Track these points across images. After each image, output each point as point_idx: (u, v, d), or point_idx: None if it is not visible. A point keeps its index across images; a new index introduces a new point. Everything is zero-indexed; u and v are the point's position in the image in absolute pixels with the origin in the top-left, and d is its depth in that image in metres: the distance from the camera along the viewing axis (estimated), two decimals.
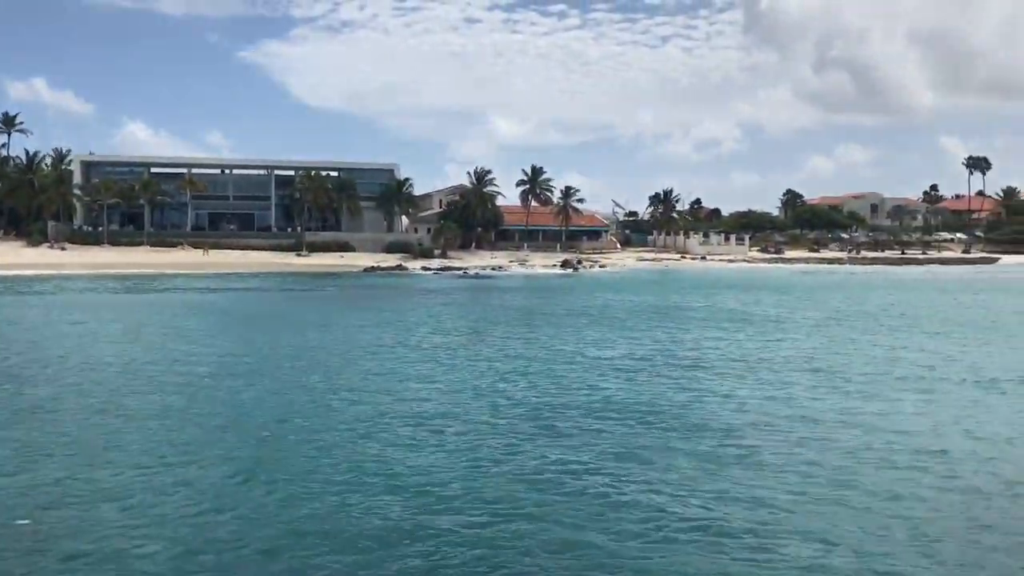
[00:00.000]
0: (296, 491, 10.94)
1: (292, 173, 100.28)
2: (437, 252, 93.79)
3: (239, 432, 14.13)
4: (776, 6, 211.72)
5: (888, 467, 12.24)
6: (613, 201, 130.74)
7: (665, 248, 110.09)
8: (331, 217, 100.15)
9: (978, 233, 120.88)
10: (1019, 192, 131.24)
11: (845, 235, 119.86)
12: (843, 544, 9.27)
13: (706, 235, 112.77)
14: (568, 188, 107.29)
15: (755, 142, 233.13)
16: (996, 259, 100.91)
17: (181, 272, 70.69)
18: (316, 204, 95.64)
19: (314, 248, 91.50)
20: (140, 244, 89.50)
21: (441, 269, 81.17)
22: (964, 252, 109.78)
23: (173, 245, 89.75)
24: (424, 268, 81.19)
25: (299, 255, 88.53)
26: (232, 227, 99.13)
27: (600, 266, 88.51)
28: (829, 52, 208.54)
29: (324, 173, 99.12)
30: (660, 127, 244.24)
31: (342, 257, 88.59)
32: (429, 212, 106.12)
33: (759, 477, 11.67)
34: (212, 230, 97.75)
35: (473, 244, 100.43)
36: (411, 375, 20.05)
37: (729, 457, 12.65)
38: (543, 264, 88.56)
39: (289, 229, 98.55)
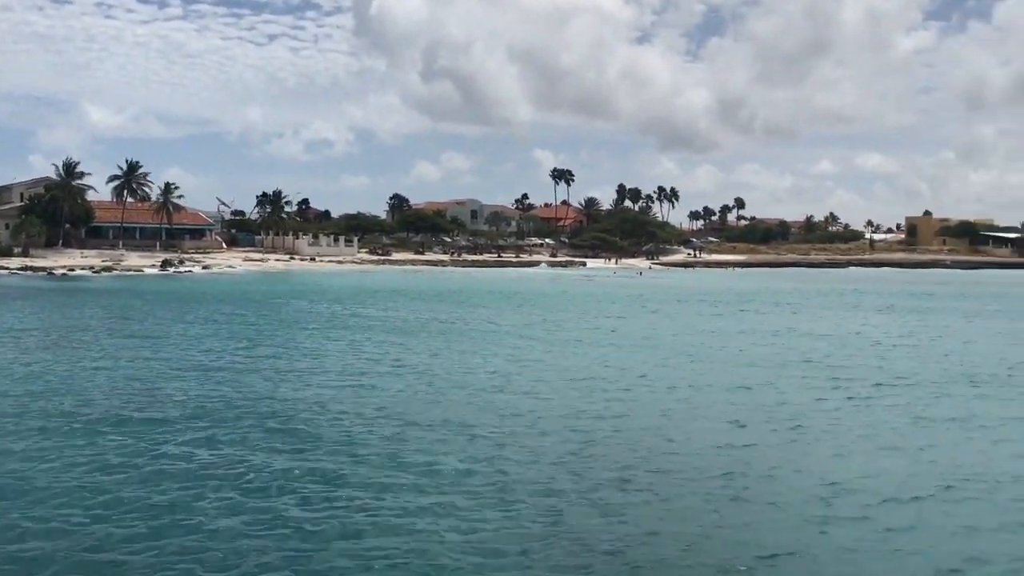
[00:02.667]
0: None
1: None
2: (18, 251, 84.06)
3: None
4: (385, 14, 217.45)
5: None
6: (218, 199, 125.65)
7: (273, 249, 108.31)
8: None
9: (564, 239, 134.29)
10: (599, 202, 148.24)
11: (448, 239, 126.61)
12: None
13: (316, 237, 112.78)
14: (168, 184, 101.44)
15: (366, 146, 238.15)
16: (583, 263, 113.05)
17: None
18: None
19: None
20: None
21: (21, 269, 72.99)
22: (552, 256, 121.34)
23: None
24: (1, 268, 72.35)
25: None
26: None
27: (204, 267, 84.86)
28: (436, 62, 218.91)
29: None
30: (269, 126, 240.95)
31: None
32: (9, 206, 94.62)
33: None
34: None
35: (60, 242, 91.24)
36: None
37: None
38: (140, 264, 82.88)
39: None
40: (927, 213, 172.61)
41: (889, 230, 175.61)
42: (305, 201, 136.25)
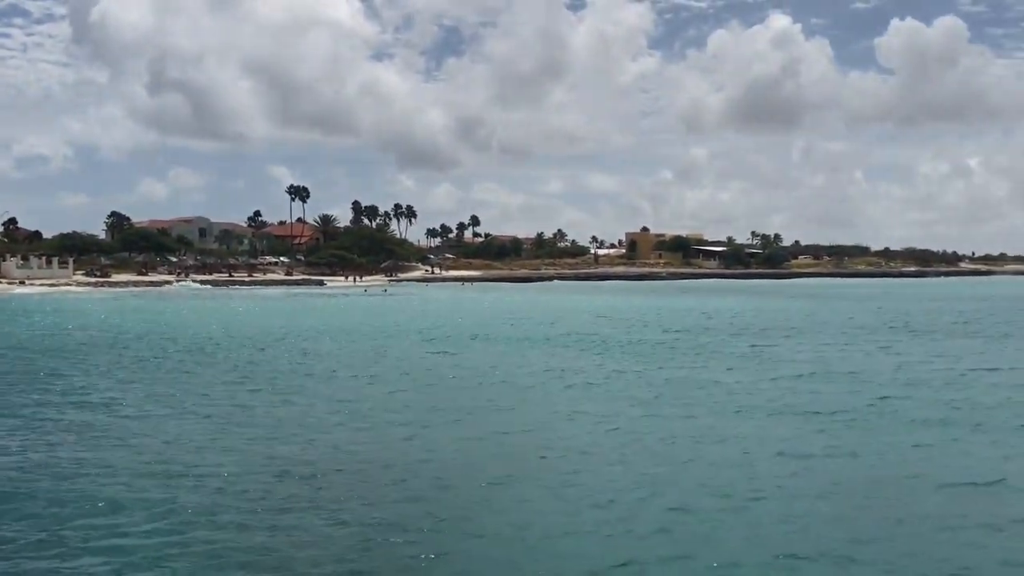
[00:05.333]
0: None
1: None
2: None
3: None
4: (106, 22, 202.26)
5: None
6: None
7: None
8: None
9: (300, 257, 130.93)
10: (336, 219, 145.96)
11: (174, 258, 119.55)
12: None
13: (25, 258, 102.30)
14: None
15: (86, 162, 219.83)
16: (321, 281, 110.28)
17: None
18: None
19: None
20: None
21: None
22: (287, 274, 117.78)
23: None
24: None
25: None
26: None
27: None
28: (164, 74, 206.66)
29: None
30: None
31: None
32: None
33: None
34: None
35: None
36: None
37: None
38: None
39: None
40: (645, 229, 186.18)
41: (612, 245, 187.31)
42: (12, 220, 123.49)
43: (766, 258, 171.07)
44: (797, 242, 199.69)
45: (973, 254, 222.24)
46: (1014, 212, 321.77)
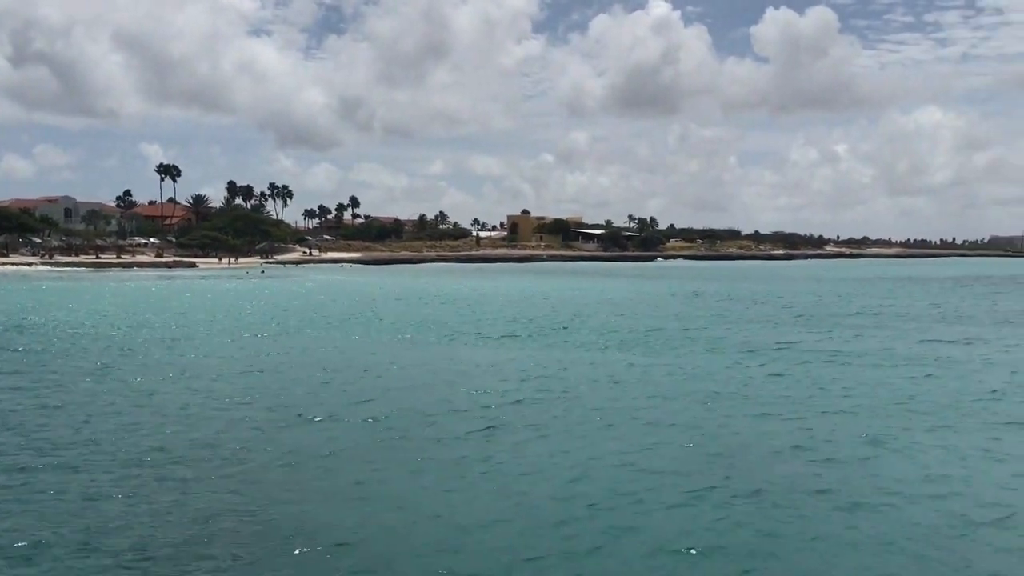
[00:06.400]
0: None
1: None
2: None
3: None
4: None
5: None
6: None
7: None
8: None
9: (171, 238, 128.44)
10: (208, 199, 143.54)
11: (37, 239, 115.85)
12: None
13: None
14: None
15: None
16: (193, 263, 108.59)
17: None
18: None
19: None
20: None
21: None
22: (158, 256, 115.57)
23: None
24: None
25: None
26: None
27: None
28: (29, 46, 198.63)
29: None
30: None
31: None
32: None
33: None
34: None
35: None
36: None
37: None
38: None
39: None
40: (526, 212, 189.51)
41: (494, 228, 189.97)
42: None
43: (642, 241, 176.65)
44: (672, 225, 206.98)
45: (838, 237, 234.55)
46: (877, 197, 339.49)
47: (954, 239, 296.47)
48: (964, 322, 35.54)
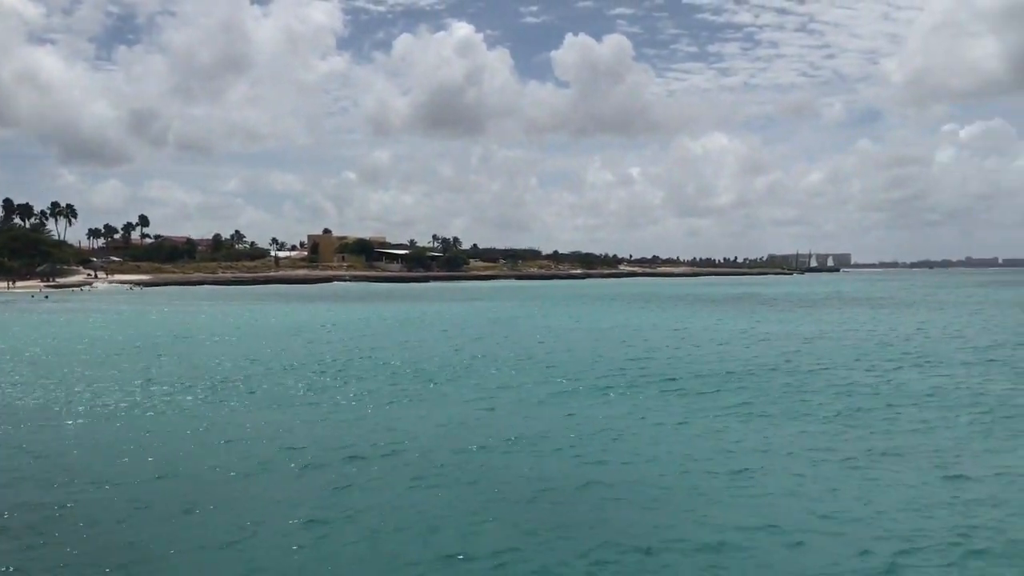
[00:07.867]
0: None
1: None
2: None
3: None
4: None
5: None
6: None
7: None
8: None
9: None
10: None
11: None
12: None
13: None
14: None
15: None
16: None
17: None
18: None
19: None
20: None
21: None
22: None
23: None
24: None
25: None
26: None
27: None
28: None
29: None
30: None
31: None
32: None
33: None
34: None
35: None
36: None
37: None
38: None
39: None
40: (327, 231, 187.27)
41: (294, 247, 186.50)
42: None
43: (446, 261, 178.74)
44: (475, 245, 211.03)
45: (631, 256, 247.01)
46: (667, 218, 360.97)
47: (736, 258, 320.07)
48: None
